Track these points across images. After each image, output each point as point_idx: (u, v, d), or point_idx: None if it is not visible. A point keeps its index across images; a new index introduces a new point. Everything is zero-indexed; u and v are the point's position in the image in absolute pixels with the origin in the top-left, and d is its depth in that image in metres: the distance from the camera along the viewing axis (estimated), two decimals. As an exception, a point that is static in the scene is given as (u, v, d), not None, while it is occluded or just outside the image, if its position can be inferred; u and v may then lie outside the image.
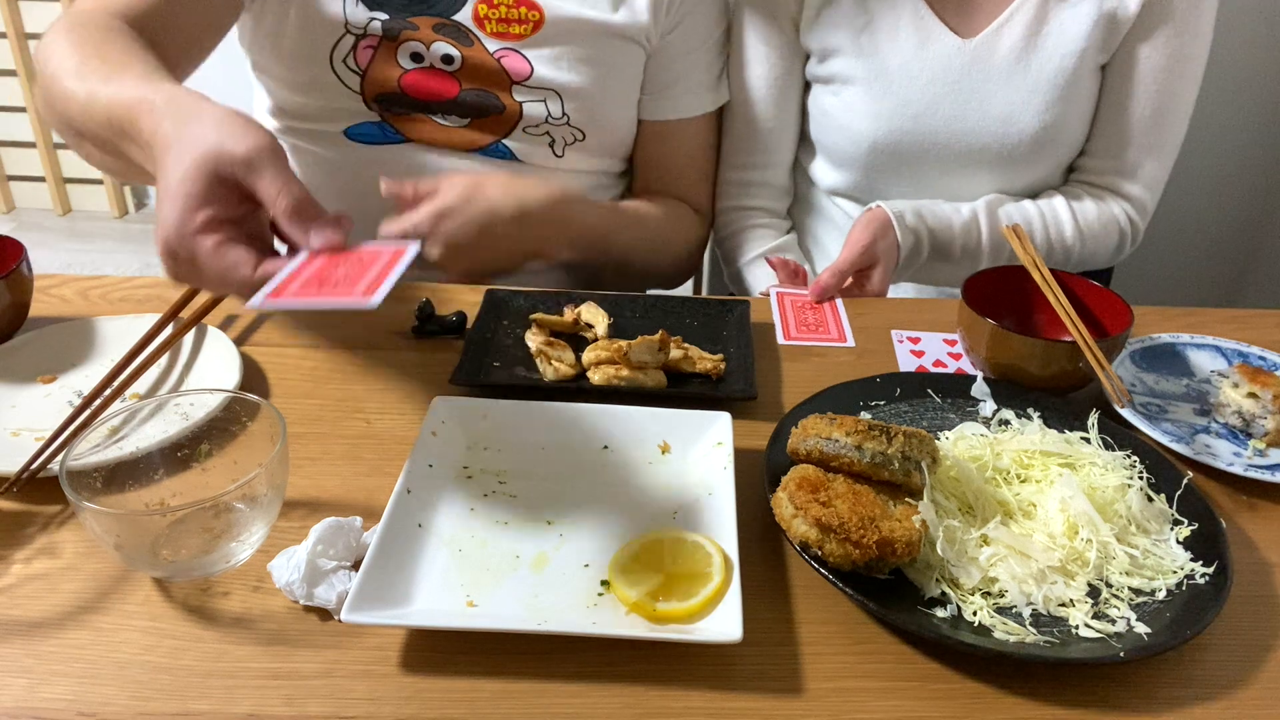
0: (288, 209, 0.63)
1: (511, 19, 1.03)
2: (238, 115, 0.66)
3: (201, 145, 0.62)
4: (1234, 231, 2.13)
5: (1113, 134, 1.12)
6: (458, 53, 1.04)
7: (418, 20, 1.02)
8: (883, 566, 0.61)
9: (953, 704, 0.57)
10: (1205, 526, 0.67)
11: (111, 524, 0.59)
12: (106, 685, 0.56)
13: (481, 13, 1.03)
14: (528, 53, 1.05)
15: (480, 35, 1.04)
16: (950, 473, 0.69)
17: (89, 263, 2.78)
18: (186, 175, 0.61)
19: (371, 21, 1.02)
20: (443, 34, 1.03)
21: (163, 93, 0.70)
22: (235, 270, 0.61)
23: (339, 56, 1.03)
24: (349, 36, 1.02)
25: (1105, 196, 1.14)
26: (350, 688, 0.56)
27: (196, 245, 0.61)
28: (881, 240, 1.03)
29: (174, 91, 0.71)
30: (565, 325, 0.91)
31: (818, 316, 0.98)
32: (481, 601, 0.61)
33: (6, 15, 2.73)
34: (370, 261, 0.64)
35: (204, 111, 0.66)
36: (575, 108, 1.07)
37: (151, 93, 0.70)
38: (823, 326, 0.96)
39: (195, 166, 0.61)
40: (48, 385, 0.82)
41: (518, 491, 0.70)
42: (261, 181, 0.63)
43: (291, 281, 0.60)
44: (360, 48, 1.03)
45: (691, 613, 0.59)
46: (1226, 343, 0.91)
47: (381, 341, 0.90)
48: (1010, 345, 0.81)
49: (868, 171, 1.14)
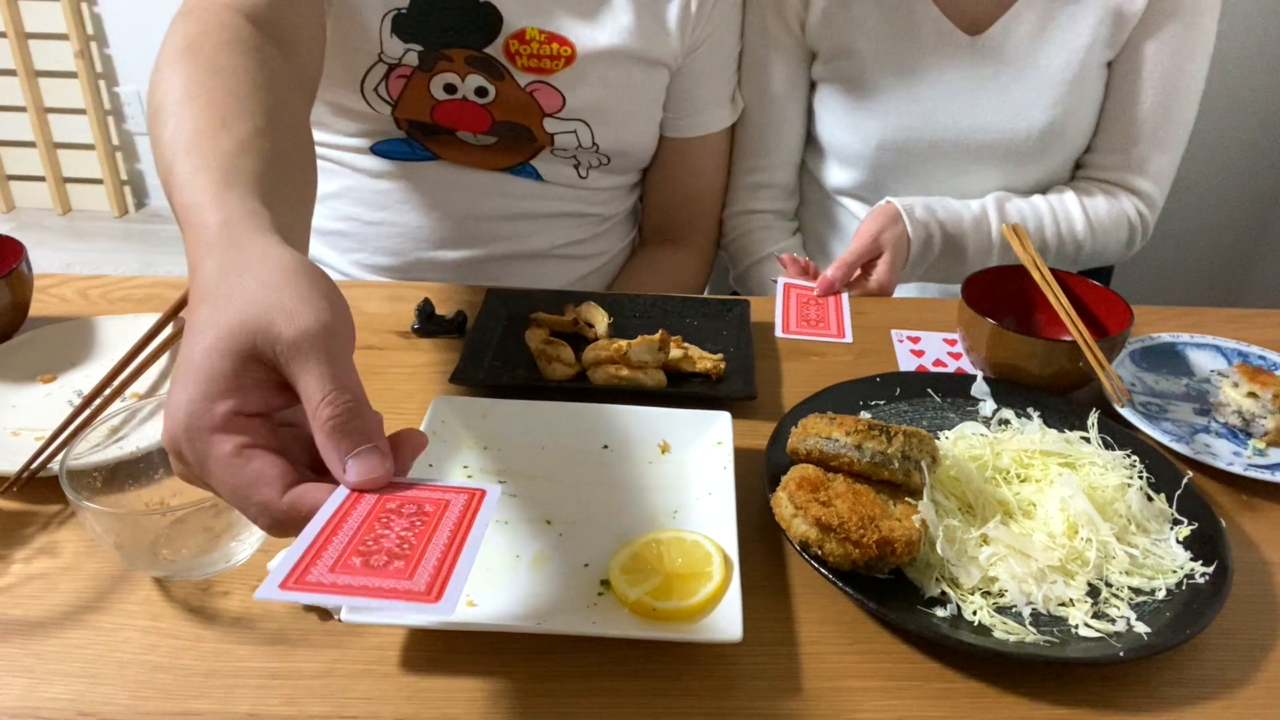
0: (331, 423, 0.47)
1: (544, 55, 1.02)
2: (301, 274, 0.50)
3: (242, 311, 0.48)
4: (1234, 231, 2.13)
5: (1121, 130, 1.12)
6: (491, 86, 1.03)
7: (452, 52, 1.02)
8: (883, 566, 0.61)
9: (953, 704, 0.57)
10: (1205, 526, 0.67)
11: (111, 524, 0.59)
12: (106, 685, 0.56)
13: (513, 48, 1.02)
14: (560, 87, 1.04)
15: (511, 69, 1.03)
16: (950, 472, 0.69)
17: (89, 262, 2.78)
18: (213, 348, 0.47)
19: (407, 53, 1.01)
20: (474, 67, 1.02)
21: (223, 210, 0.55)
22: (255, 490, 0.47)
23: (370, 85, 1.03)
24: (381, 65, 1.02)
25: (1115, 192, 1.14)
26: (350, 688, 0.56)
27: (211, 447, 0.47)
28: (889, 230, 1.03)
29: (237, 214, 0.55)
30: (565, 325, 0.91)
31: (819, 312, 0.98)
32: (481, 601, 0.60)
33: (6, 15, 2.73)
34: (435, 514, 0.47)
35: (260, 260, 0.51)
36: (604, 135, 1.08)
37: (212, 205, 0.55)
38: (823, 322, 0.96)
39: (227, 339, 0.47)
40: (48, 385, 0.82)
41: (518, 491, 0.70)
42: (306, 377, 0.47)
43: (321, 552, 0.44)
44: (393, 77, 1.02)
45: (691, 612, 0.59)
46: (1226, 343, 0.91)
47: (381, 341, 0.90)
48: (1010, 345, 0.81)
49: (876, 169, 1.14)
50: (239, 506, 0.48)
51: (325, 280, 0.51)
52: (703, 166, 1.19)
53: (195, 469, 0.48)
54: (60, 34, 2.79)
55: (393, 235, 1.11)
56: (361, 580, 0.43)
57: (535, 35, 1.02)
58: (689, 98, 1.13)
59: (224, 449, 0.46)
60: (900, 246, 1.04)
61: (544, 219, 1.13)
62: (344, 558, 0.44)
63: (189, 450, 0.47)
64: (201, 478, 0.48)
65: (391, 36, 1.00)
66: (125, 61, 2.89)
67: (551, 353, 0.85)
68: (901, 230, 1.04)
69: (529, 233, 1.13)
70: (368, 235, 1.12)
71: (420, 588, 0.42)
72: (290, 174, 0.65)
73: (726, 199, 1.24)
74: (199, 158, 0.59)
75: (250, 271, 0.50)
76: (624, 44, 1.04)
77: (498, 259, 1.12)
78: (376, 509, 0.47)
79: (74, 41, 2.79)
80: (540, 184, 1.11)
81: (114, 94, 2.94)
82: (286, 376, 0.48)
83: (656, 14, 1.05)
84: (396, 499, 0.48)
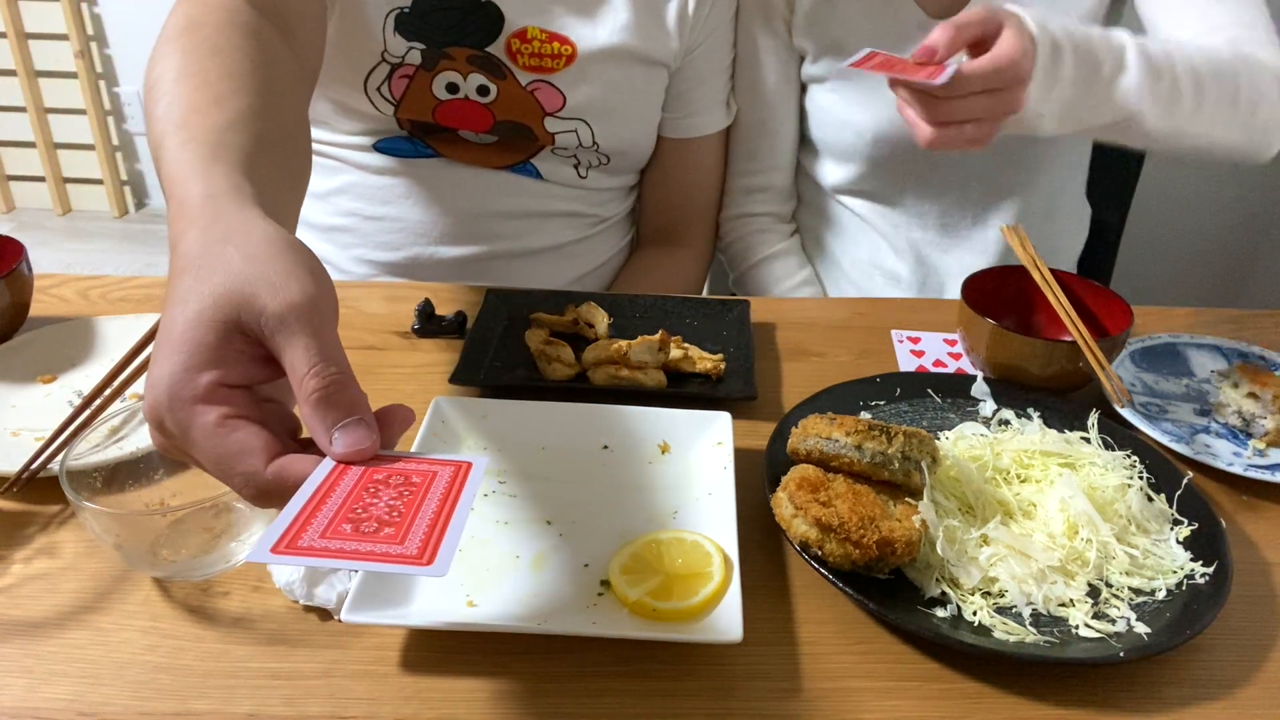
0: (317, 394, 0.47)
1: (545, 54, 1.03)
2: (285, 247, 0.50)
3: (226, 283, 0.47)
4: (1234, 231, 2.13)
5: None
6: (493, 85, 1.04)
7: (454, 51, 1.02)
8: (883, 566, 0.61)
9: (953, 704, 0.57)
10: (1205, 526, 0.67)
11: (111, 524, 0.59)
12: (106, 685, 0.56)
13: (514, 47, 1.02)
14: (562, 86, 1.04)
15: (513, 68, 1.03)
16: (950, 473, 0.69)
17: (89, 263, 2.78)
18: (197, 319, 0.47)
19: (410, 51, 1.01)
20: (476, 65, 1.03)
21: (208, 184, 0.54)
22: (240, 460, 0.46)
23: (373, 84, 1.03)
24: (384, 65, 1.02)
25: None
26: (350, 688, 0.56)
27: (194, 417, 0.46)
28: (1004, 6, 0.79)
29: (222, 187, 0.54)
30: (565, 325, 0.91)
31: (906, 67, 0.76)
32: (481, 601, 0.60)
33: (6, 15, 2.74)
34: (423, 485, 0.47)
35: (244, 233, 0.50)
36: (604, 134, 1.08)
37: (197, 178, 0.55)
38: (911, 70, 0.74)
39: (211, 309, 0.47)
40: (48, 385, 0.82)
41: (517, 491, 0.70)
42: (292, 350, 0.47)
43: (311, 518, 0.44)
44: (395, 77, 1.03)
45: (691, 613, 0.59)
46: (1226, 343, 0.91)
47: (381, 341, 0.90)
48: (1010, 345, 0.81)
49: (873, 164, 1.14)
50: (222, 478, 0.47)
51: (309, 254, 0.51)
52: (700, 168, 1.19)
53: (178, 440, 0.47)
54: (60, 34, 2.80)
55: (394, 230, 1.11)
56: (353, 545, 0.43)
57: (537, 34, 1.02)
58: (687, 98, 1.13)
59: (207, 419, 0.46)
60: (1020, 27, 0.77)
61: (543, 218, 1.13)
62: (334, 524, 0.44)
63: (171, 421, 0.47)
64: (184, 449, 0.48)
65: (394, 35, 1.01)
66: (125, 62, 2.89)
67: (551, 353, 0.85)
68: (1019, 20, 0.78)
69: (528, 231, 1.13)
70: (369, 230, 1.12)
71: (412, 551, 0.42)
72: (282, 154, 0.64)
73: (723, 201, 1.24)
74: (187, 133, 0.59)
75: (233, 243, 0.49)
76: (623, 42, 1.04)
77: (497, 256, 1.13)
78: (364, 480, 0.47)
79: (74, 41, 2.79)
80: (540, 183, 1.11)
81: (114, 94, 2.94)
82: (271, 349, 0.48)
83: (655, 13, 1.05)
84: (384, 470, 0.47)
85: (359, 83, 1.03)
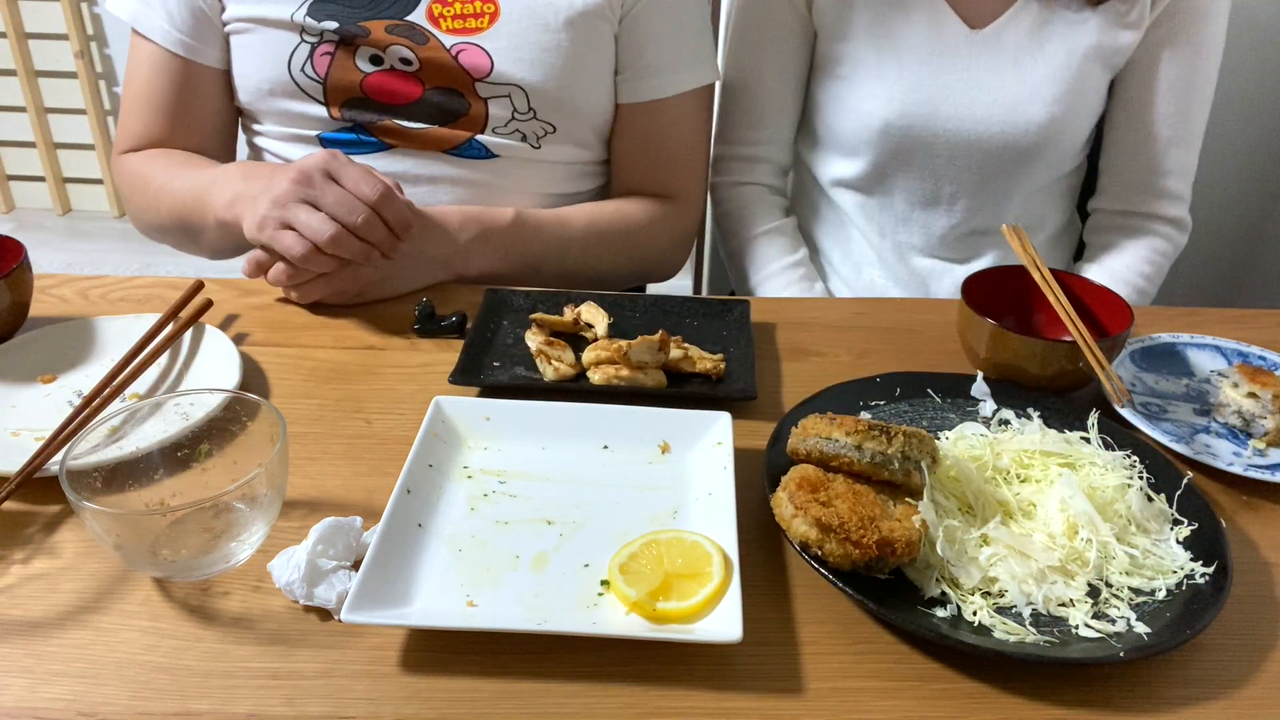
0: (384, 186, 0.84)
1: (467, 14, 1.02)
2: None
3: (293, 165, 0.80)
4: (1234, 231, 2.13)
5: (1137, 140, 1.14)
6: (413, 54, 1.02)
7: (369, 24, 1.01)
8: (883, 566, 0.61)
9: (953, 704, 0.57)
10: (1205, 526, 0.67)
11: (111, 524, 0.59)
12: (106, 685, 0.56)
13: (436, 11, 1.02)
14: (487, 46, 1.02)
15: (436, 33, 1.02)
16: (950, 472, 0.69)
17: (89, 263, 2.78)
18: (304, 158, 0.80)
19: (325, 31, 1.01)
20: (396, 34, 1.02)
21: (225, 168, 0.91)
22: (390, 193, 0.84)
23: (296, 65, 1.03)
24: (304, 45, 1.02)
25: (1138, 227, 1.18)
26: (350, 688, 0.56)
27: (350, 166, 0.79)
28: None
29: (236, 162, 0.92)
30: (565, 325, 0.91)
31: None
32: (481, 601, 0.61)
33: (6, 15, 2.73)
34: None
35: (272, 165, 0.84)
36: (541, 102, 1.05)
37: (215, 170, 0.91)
38: None
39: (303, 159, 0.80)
40: (48, 385, 0.82)
41: (518, 491, 0.70)
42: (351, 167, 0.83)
43: None
44: (317, 55, 1.02)
45: (691, 613, 0.59)
46: (1226, 343, 0.91)
47: (381, 342, 0.90)
48: (1010, 345, 0.81)
49: (878, 157, 1.14)
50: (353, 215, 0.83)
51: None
52: (675, 130, 1.12)
53: (319, 187, 0.83)
54: (60, 34, 2.79)
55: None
56: None
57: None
58: (642, 57, 1.08)
59: (361, 167, 0.79)
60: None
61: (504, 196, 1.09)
62: None
63: (327, 169, 0.83)
64: (323, 194, 0.83)
65: (305, 16, 1.01)
66: (125, 62, 2.89)
67: (551, 353, 0.85)
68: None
69: None
70: None
71: None
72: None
73: (720, 168, 1.22)
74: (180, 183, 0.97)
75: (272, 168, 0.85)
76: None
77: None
78: None
79: (74, 42, 2.79)
80: (493, 160, 1.08)
81: (114, 94, 2.93)
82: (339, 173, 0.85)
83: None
84: None
85: (284, 67, 1.03)
